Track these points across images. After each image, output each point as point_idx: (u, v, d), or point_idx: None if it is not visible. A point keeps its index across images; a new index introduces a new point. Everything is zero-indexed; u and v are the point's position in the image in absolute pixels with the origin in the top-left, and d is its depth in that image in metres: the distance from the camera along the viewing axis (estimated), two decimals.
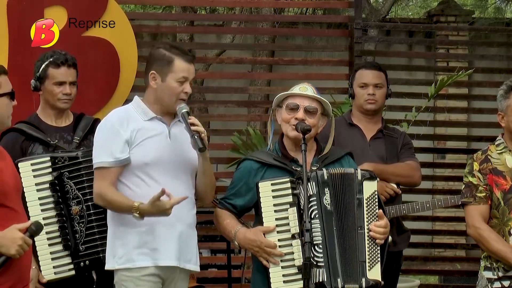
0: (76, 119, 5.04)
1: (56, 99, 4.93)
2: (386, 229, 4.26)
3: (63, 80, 4.93)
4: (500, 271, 4.54)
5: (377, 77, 5.48)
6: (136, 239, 4.28)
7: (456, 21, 12.48)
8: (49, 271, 4.66)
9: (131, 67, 6.50)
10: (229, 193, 4.41)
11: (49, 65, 4.93)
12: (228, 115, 7.78)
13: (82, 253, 4.67)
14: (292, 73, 8.63)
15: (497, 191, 4.55)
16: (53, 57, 4.95)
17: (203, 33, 11.30)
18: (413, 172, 5.44)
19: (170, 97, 4.33)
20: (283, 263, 4.17)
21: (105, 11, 6.42)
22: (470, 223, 4.60)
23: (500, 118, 4.64)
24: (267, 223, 4.21)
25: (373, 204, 4.27)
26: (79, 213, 4.69)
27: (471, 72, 7.11)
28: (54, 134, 4.92)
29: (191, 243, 4.41)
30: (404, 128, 6.59)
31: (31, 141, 4.86)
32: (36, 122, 4.94)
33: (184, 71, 4.32)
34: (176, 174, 4.32)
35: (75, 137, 4.92)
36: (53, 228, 4.70)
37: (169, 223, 4.27)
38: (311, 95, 4.34)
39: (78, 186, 4.70)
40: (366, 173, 4.31)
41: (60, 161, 4.72)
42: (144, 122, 4.35)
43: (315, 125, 4.34)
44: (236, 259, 7.16)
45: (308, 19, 11.10)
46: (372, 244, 4.22)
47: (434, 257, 9.60)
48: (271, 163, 4.35)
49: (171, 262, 4.29)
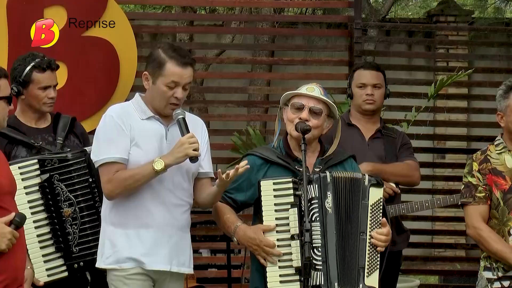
0: (54, 119, 5.00)
1: (41, 104, 4.90)
2: (388, 237, 4.22)
3: (48, 85, 4.89)
4: (500, 271, 4.54)
5: (375, 77, 5.48)
6: (124, 241, 4.24)
7: (456, 21, 12.46)
8: (42, 273, 4.65)
9: (131, 67, 6.51)
10: (230, 187, 4.34)
11: (33, 69, 4.86)
12: (228, 115, 7.79)
13: (76, 254, 4.66)
14: (292, 73, 8.64)
15: (496, 191, 4.55)
16: (35, 61, 4.87)
17: (203, 33, 11.29)
18: (412, 172, 5.45)
19: (160, 100, 4.26)
20: (281, 263, 4.13)
21: (104, 11, 6.43)
22: (469, 223, 4.60)
23: (500, 118, 4.64)
24: (267, 222, 4.18)
25: (377, 211, 4.23)
26: (72, 215, 4.67)
27: (471, 72, 7.11)
28: (36, 136, 4.89)
29: (184, 246, 4.35)
30: (404, 128, 6.60)
31: (14, 144, 4.82)
32: (16, 125, 4.89)
33: (175, 75, 4.21)
34: (171, 177, 4.26)
35: (58, 138, 4.89)
36: (44, 231, 4.67)
37: (159, 226, 4.23)
38: (317, 96, 4.33)
39: (69, 188, 4.67)
40: (373, 179, 4.26)
41: (49, 164, 4.68)
42: (142, 121, 4.29)
43: (319, 126, 4.30)
44: (236, 259, 7.17)
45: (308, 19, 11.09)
46: (372, 251, 4.19)
47: (434, 257, 9.61)
48: (274, 161, 4.33)
49: (159, 267, 4.25)
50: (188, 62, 4.26)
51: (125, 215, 4.25)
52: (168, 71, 4.22)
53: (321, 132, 4.35)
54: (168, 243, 4.26)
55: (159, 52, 4.27)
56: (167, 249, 4.26)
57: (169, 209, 4.26)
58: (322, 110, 4.31)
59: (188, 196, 4.37)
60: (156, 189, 4.24)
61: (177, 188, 4.30)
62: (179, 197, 4.31)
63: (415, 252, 8.03)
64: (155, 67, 4.25)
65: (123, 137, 4.24)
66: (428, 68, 11.22)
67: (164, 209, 4.26)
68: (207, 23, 11.16)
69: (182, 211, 4.33)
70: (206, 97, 10.34)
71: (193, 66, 4.31)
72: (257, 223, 4.24)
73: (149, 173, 4.16)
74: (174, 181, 4.28)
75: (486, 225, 4.56)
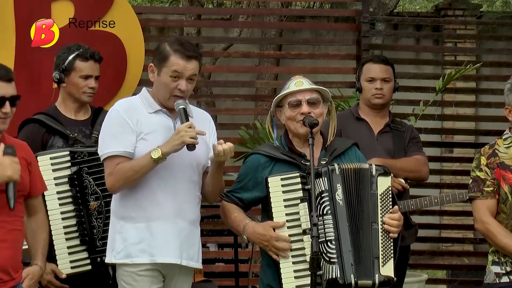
0: (95, 113, 5.03)
1: (81, 92, 4.93)
2: (400, 222, 4.24)
3: (89, 74, 4.94)
4: (508, 266, 4.53)
5: (384, 71, 5.46)
6: (134, 234, 4.24)
7: (464, 14, 12.42)
8: (66, 265, 4.67)
9: (138, 61, 6.50)
10: (236, 186, 4.36)
11: (77, 58, 4.92)
12: (235, 109, 7.78)
13: (99, 248, 4.68)
14: (299, 67, 8.62)
15: (504, 186, 4.54)
16: (79, 50, 4.94)
17: (210, 27, 11.26)
18: (421, 167, 5.43)
19: (164, 92, 4.28)
20: (294, 259, 4.14)
21: (112, 5, 6.41)
22: (477, 217, 4.59)
23: (507, 112, 4.62)
24: (277, 219, 4.17)
25: (387, 199, 4.24)
26: (97, 209, 4.70)
27: (479, 66, 7.10)
28: (73, 128, 4.91)
29: (194, 240, 4.35)
30: (411, 122, 6.58)
31: (51, 133, 4.86)
32: (55, 114, 4.93)
33: (178, 66, 4.24)
34: (181, 170, 4.28)
35: (94, 132, 4.91)
36: (70, 223, 4.70)
37: (169, 219, 4.24)
38: (309, 87, 4.31)
39: (97, 182, 4.70)
40: (380, 168, 4.27)
41: (80, 156, 4.72)
42: (149, 115, 4.31)
43: (321, 114, 4.29)
44: (244, 253, 7.16)
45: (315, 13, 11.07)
46: (386, 240, 4.19)
47: (441, 252, 9.59)
48: (279, 157, 4.31)
49: (170, 260, 4.25)
50: (192, 55, 4.28)
51: (135, 209, 4.25)
52: (171, 62, 4.25)
53: (323, 120, 4.34)
54: (178, 236, 4.26)
55: (165, 45, 4.31)
56: (178, 242, 4.26)
57: (179, 202, 4.26)
58: (318, 98, 4.30)
59: (198, 190, 4.38)
60: (166, 182, 4.25)
61: (187, 181, 4.31)
62: (190, 190, 4.32)
63: (422, 246, 8.02)
64: (160, 59, 4.28)
65: (128, 131, 4.25)
66: (436, 62, 11.20)
67: (175, 202, 4.26)
68: (214, 17, 11.14)
69: (193, 204, 4.34)
70: (214, 91, 10.33)
71: (198, 59, 4.32)
72: (266, 220, 4.23)
73: (147, 163, 4.17)
74: (184, 174, 4.29)
75: (494, 220, 4.54)
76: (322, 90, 4.34)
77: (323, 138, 4.40)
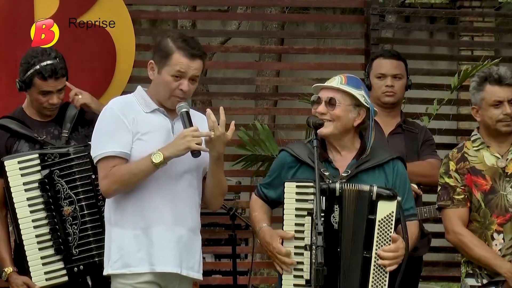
0: (60, 109, 4.99)
1: (41, 107, 4.91)
2: (397, 253, 4.17)
3: (50, 90, 4.87)
4: (485, 278, 4.52)
5: (396, 67, 5.46)
6: (132, 242, 4.24)
7: (482, 6, 12.42)
8: (40, 277, 4.67)
9: (129, 56, 6.49)
10: (265, 181, 4.44)
11: (35, 75, 4.83)
12: (233, 108, 7.76)
13: (76, 257, 4.67)
14: (303, 62, 8.60)
15: (476, 193, 4.53)
16: (40, 64, 4.83)
17: (206, 19, 11.28)
18: (435, 171, 5.40)
19: (164, 92, 4.29)
20: (295, 272, 4.17)
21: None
22: (449, 228, 4.59)
23: (475, 112, 4.62)
24: (286, 227, 4.20)
25: (387, 226, 4.18)
26: (72, 214, 4.69)
27: (497, 61, 7.08)
28: (41, 130, 4.89)
29: (194, 249, 4.37)
30: (425, 122, 6.58)
31: (16, 138, 4.84)
32: (21, 117, 4.92)
33: (181, 65, 4.25)
34: (179, 172, 4.28)
35: (63, 131, 4.90)
36: (43, 231, 4.69)
37: (168, 226, 4.24)
38: (329, 85, 4.29)
39: (70, 185, 4.69)
40: (384, 191, 4.20)
41: (50, 158, 4.70)
42: (146, 115, 4.32)
43: (338, 116, 4.25)
44: (243, 264, 7.14)
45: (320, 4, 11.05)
46: (378, 270, 4.16)
47: (457, 262, 9.56)
48: (304, 160, 4.31)
49: (170, 269, 4.25)
50: (197, 54, 4.29)
51: (132, 215, 4.26)
52: (174, 60, 4.25)
53: (345, 124, 4.28)
54: (178, 244, 4.27)
55: (168, 41, 4.31)
56: (177, 251, 4.27)
57: (179, 208, 4.27)
58: (337, 100, 4.26)
59: (198, 195, 4.39)
60: (165, 187, 4.25)
61: (187, 186, 4.32)
62: (189, 195, 4.33)
63: (436, 257, 8.01)
64: (161, 56, 4.29)
65: (124, 130, 4.25)
66: (451, 57, 11.18)
67: (174, 207, 4.27)
68: (211, 8, 11.15)
69: (193, 210, 4.36)
70: (210, 89, 10.34)
71: (203, 59, 4.34)
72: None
73: (147, 167, 4.16)
74: (184, 179, 4.30)
75: (467, 230, 4.54)
76: (353, 93, 4.28)
77: (362, 144, 4.36)
